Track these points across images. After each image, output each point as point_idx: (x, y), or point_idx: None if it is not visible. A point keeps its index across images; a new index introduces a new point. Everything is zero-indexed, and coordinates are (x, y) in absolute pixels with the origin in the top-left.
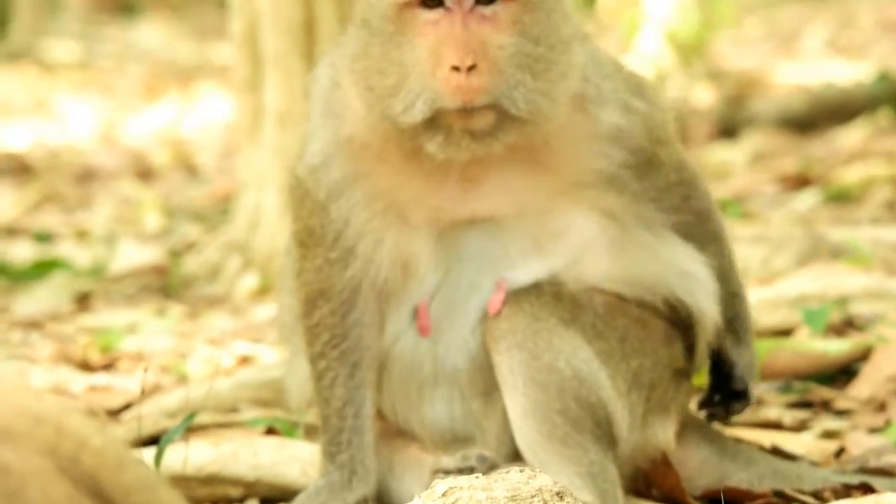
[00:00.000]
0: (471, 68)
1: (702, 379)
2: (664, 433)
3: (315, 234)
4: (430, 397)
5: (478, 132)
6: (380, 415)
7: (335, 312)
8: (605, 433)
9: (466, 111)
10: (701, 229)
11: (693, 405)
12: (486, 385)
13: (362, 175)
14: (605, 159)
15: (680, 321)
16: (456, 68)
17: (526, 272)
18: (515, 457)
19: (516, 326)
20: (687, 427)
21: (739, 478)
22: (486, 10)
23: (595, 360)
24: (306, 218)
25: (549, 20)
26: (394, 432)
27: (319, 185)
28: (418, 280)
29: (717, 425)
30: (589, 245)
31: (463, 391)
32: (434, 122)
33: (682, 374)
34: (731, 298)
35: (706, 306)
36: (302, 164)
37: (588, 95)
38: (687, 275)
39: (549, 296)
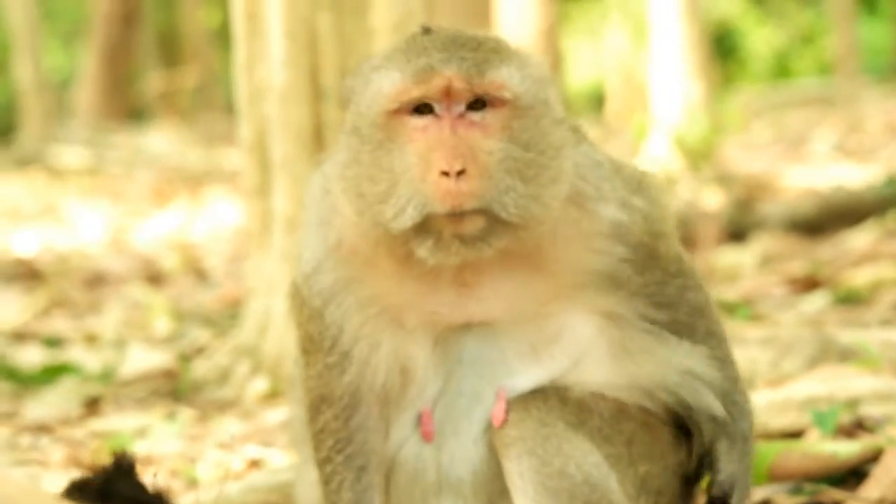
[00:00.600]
0: (460, 173)
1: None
2: None
3: (314, 341)
4: None
5: (468, 237)
6: None
7: (338, 417)
8: None
9: (456, 216)
10: (698, 325)
11: None
12: (491, 497)
13: (354, 280)
14: (604, 256)
15: (685, 424)
16: (445, 173)
17: (526, 378)
18: None
19: (525, 433)
20: None
21: None
22: (476, 117)
23: (604, 464)
24: (305, 324)
25: (538, 126)
26: None
27: (313, 292)
28: (420, 386)
29: None
30: (588, 348)
31: (467, 501)
32: (424, 227)
33: (690, 479)
34: (726, 398)
35: (710, 404)
36: (298, 272)
37: (586, 193)
38: (689, 373)
39: (555, 400)
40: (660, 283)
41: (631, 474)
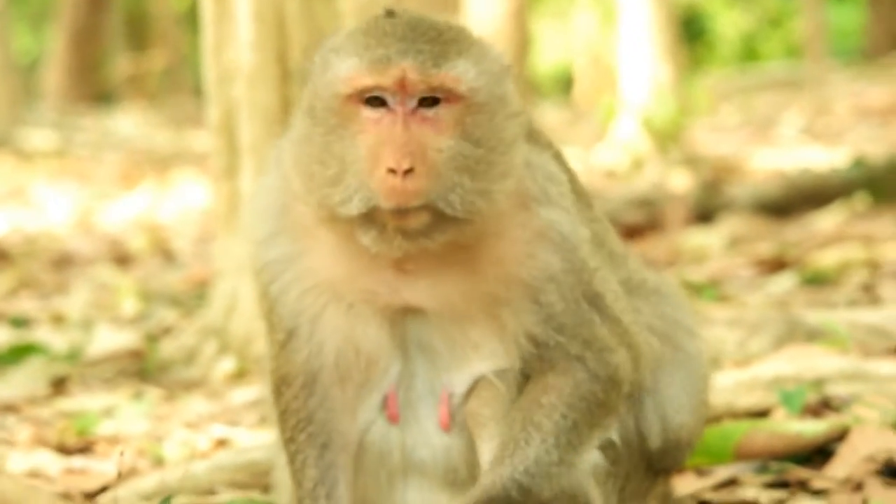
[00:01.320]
0: (407, 171)
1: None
2: None
3: (266, 318)
4: (402, 486)
5: (411, 231)
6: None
7: (297, 397)
8: None
9: (401, 212)
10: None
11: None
12: (455, 478)
13: (298, 254)
14: (538, 264)
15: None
16: (392, 171)
17: (469, 369)
18: None
19: (497, 413)
20: None
21: None
22: (429, 112)
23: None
24: (259, 301)
25: (491, 122)
26: None
27: (260, 266)
28: (382, 368)
29: None
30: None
31: (431, 482)
32: (369, 217)
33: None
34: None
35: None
36: (252, 243)
37: (532, 194)
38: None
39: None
40: (573, 312)
41: (598, 457)
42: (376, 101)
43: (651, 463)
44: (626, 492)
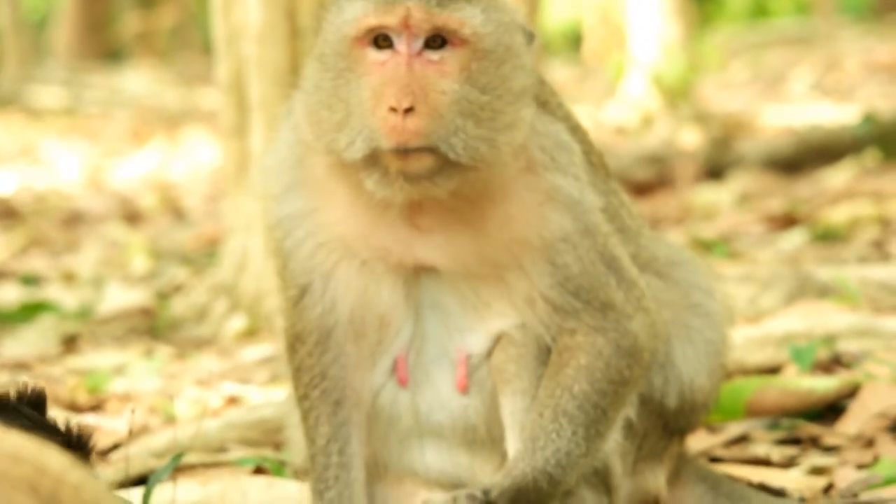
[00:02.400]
0: (408, 110)
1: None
2: (655, 480)
3: (280, 274)
4: (419, 448)
5: (413, 174)
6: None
7: (311, 354)
8: (601, 481)
9: (402, 153)
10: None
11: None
12: (475, 437)
13: (312, 210)
14: (550, 225)
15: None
16: (393, 109)
17: (483, 331)
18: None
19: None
20: (683, 466)
21: None
22: (434, 55)
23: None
24: (274, 256)
25: (498, 70)
26: (387, 469)
27: (275, 221)
28: (394, 330)
29: (707, 462)
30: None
31: (449, 443)
32: (372, 160)
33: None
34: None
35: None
36: (266, 198)
37: (542, 162)
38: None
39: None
40: (589, 274)
41: (616, 418)
42: (383, 43)
43: (667, 424)
44: (642, 451)
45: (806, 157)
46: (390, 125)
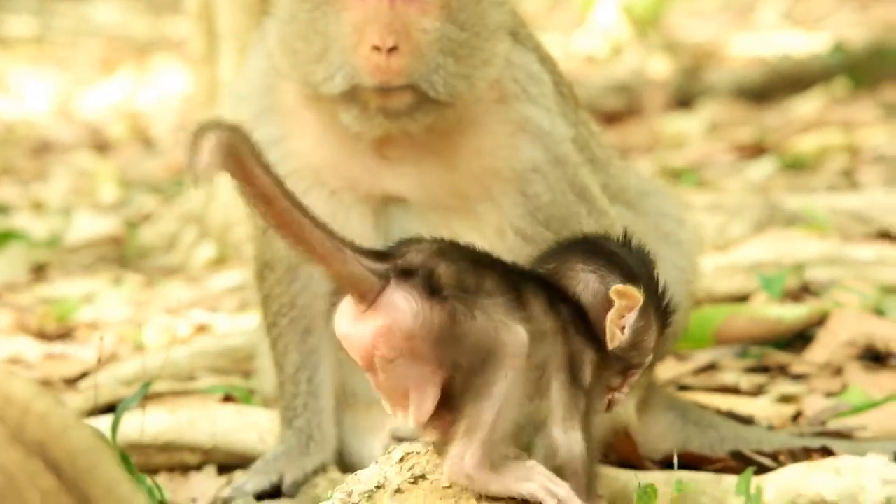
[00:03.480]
0: (391, 50)
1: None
2: (624, 410)
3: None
4: None
5: (393, 111)
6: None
7: (280, 282)
8: None
9: (384, 90)
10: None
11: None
12: None
13: (282, 137)
14: (519, 155)
15: None
16: (377, 48)
17: None
18: None
19: None
20: (652, 394)
21: (701, 442)
22: None
23: None
24: None
25: (477, 7)
26: (356, 397)
27: None
28: None
29: (675, 390)
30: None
31: None
32: (351, 96)
33: None
34: None
35: None
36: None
37: (513, 92)
38: None
39: None
40: (560, 204)
41: None
42: None
43: None
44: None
45: (775, 86)
46: (373, 64)
